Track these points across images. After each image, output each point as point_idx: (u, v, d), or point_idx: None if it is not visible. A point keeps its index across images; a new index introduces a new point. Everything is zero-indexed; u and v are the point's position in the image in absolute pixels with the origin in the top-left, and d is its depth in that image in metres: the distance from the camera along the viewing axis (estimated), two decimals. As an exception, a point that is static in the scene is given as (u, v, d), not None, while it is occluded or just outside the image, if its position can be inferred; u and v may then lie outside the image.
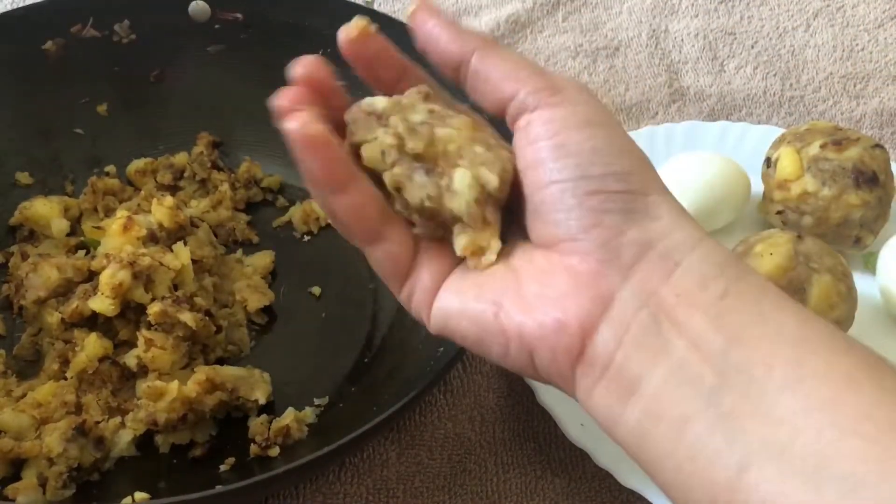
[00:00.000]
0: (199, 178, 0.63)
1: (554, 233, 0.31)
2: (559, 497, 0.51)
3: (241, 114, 0.66)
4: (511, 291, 0.32)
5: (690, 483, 0.28)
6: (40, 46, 0.63)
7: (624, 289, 0.30)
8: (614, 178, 0.31)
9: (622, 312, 0.30)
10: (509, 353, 0.32)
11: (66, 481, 0.46)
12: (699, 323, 0.29)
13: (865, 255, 0.61)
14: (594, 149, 0.31)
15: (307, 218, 0.62)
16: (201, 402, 0.49)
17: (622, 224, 0.30)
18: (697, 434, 0.28)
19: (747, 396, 0.27)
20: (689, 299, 0.29)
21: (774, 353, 0.28)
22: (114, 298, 0.50)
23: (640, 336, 0.29)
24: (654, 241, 0.30)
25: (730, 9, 0.84)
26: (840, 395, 0.27)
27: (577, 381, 0.31)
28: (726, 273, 0.30)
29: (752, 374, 0.28)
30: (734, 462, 0.27)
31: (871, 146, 0.59)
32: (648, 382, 0.29)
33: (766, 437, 0.27)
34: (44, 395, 0.49)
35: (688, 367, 0.28)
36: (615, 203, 0.31)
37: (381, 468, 0.52)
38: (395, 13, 0.81)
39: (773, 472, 0.26)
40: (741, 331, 0.29)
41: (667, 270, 0.30)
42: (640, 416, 0.29)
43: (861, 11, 0.84)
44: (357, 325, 0.57)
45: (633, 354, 0.29)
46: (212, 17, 0.65)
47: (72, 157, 0.64)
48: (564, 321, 0.30)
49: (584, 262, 0.31)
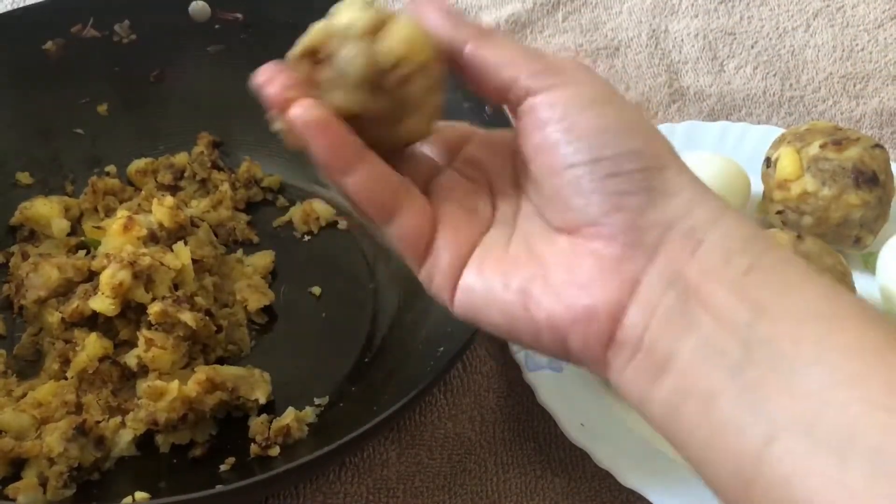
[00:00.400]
0: (200, 178, 0.63)
1: (574, 218, 0.31)
2: (559, 497, 0.51)
3: (241, 114, 0.65)
4: (538, 279, 0.32)
5: (717, 456, 0.28)
6: (40, 46, 0.63)
7: (650, 271, 0.30)
8: (628, 157, 0.31)
9: (649, 294, 0.30)
10: (541, 340, 0.32)
11: (66, 481, 0.46)
12: (724, 298, 0.29)
13: (865, 255, 0.61)
14: (603, 128, 0.31)
15: (307, 218, 0.62)
16: (201, 401, 0.49)
17: (643, 205, 0.30)
18: (724, 407, 0.28)
19: (774, 370, 0.27)
20: (714, 275, 0.29)
21: (801, 327, 0.28)
22: (114, 298, 0.50)
23: (667, 315, 0.29)
24: (675, 219, 0.30)
25: (730, 9, 0.84)
26: (868, 370, 0.26)
27: (609, 364, 0.31)
28: (750, 248, 0.30)
29: (778, 347, 0.28)
30: (760, 434, 0.27)
31: (871, 146, 0.59)
32: (677, 359, 0.29)
33: (792, 410, 0.27)
34: (44, 394, 0.49)
35: (714, 342, 0.28)
36: (633, 184, 0.30)
37: (381, 468, 0.52)
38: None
39: (799, 445, 0.26)
40: (767, 304, 0.28)
41: (690, 248, 0.30)
42: (670, 392, 0.29)
43: (861, 11, 0.84)
44: (357, 325, 0.57)
45: (662, 334, 0.29)
46: (212, 17, 0.65)
47: (72, 157, 0.64)
48: (594, 308, 0.30)
49: (608, 247, 0.31)
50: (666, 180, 0.31)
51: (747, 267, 0.29)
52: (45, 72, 0.63)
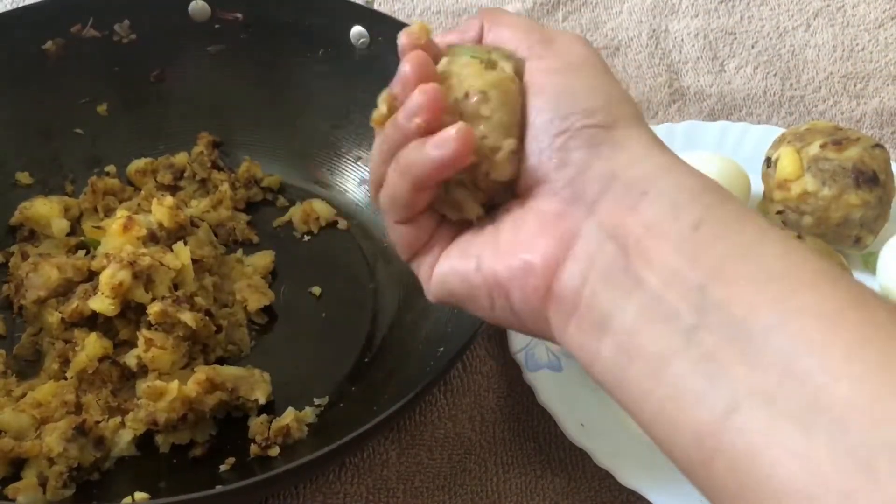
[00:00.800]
0: (200, 177, 0.63)
1: (529, 178, 0.32)
2: (559, 497, 0.51)
3: (241, 114, 0.66)
4: (490, 244, 0.33)
5: (673, 424, 0.28)
6: (40, 46, 0.63)
7: (588, 224, 0.30)
8: (580, 114, 0.31)
9: (586, 247, 0.30)
10: (494, 303, 0.33)
11: (66, 481, 0.46)
12: (672, 256, 0.28)
13: (865, 255, 0.61)
14: (568, 90, 0.32)
15: (307, 218, 0.62)
16: (201, 401, 0.49)
17: (587, 159, 0.30)
18: (678, 374, 0.27)
19: (731, 338, 0.26)
20: (659, 230, 0.28)
21: (757, 290, 0.27)
22: (114, 298, 0.50)
23: (606, 270, 0.29)
24: (618, 171, 0.30)
25: (730, 9, 0.84)
26: (829, 336, 0.25)
27: (550, 320, 0.31)
28: (700, 199, 0.29)
29: (734, 313, 0.27)
30: (720, 405, 0.26)
31: (871, 146, 0.59)
32: (620, 318, 0.29)
33: (753, 380, 0.26)
34: (44, 394, 0.49)
35: (662, 303, 0.28)
36: (579, 140, 0.31)
37: (381, 468, 0.52)
38: (395, 13, 0.81)
39: (761, 417, 0.25)
40: (720, 265, 0.27)
41: (632, 200, 0.29)
42: (615, 352, 0.29)
43: (861, 11, 0.84)
44: (357, 325, 0.57)
45: (602, 289, 0.29)
46: (212, 17, 0.65)
47: (72, 157, 0.64)
48: (531, 261, 0.31)
49: (551, 202, 0.31)
50: (615, 137, 0.31)
51: (696, 221, 0.28)
52: (45, 72, 0.63)
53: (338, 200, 0.64)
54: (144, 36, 0.65)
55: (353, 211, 0.63)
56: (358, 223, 0.63)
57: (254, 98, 0.66)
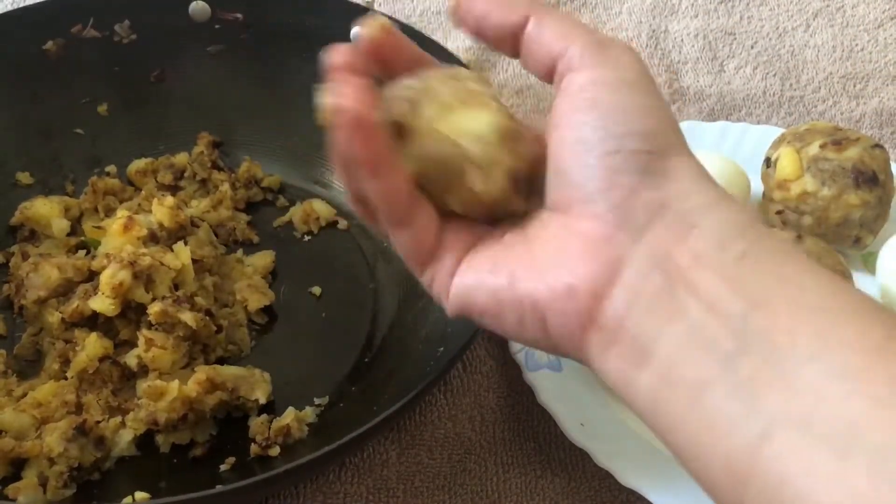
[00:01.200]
0: (200, 178, 0.63)
1: (570, 195, 0.31)
2: (559, 497, 0.51)
3: (241, 114, 0.66)
4: (525, 260, 0.31)
5: (707, 452, 0.27)
6: (40, 46, 0.63)
7: (636, 251, 0.29)
8: (634, 137, 0.30)
9: (634, 275, 0.29)
10: (524, 323, 0.31)
11: (66, 481, 0.46)
12: (715, 285, 0.28)
13: (865, 255, 0.61)
14: (620, 108, 0.30)
15: (307, 218, 0.62)
16: (202, 401, 0.49)
17: (637, 185, 0.30)
18: (714, 401, 0.27)
19: (768, 363, 0.26)
20: (706, 261, 0.28)
21: (798, 321, 0.27)
22: (114, 298, 0.50)
23: (652, 299, 0.29)
24: (669, 202, 0.29)
25: (730, 9, 0.84)
26: (870, 365, 0.25)
27: (589, 347, 0.30)
28: (746, 235, 0.29)
29: (773, 340, 0.26)
30: (755, 431, 0.26)
31: (870, 146, 0.59)
32: (662, 346, 0.28)
33: (789, 405, 0.25)
34: (44, 394, 0.49)
35: (703, 331, 0.27)
36: (631, 163, 0.30)
37: (381, 468, 0.52)
38: (395, 13, 0.81)
39: (797, 442, 0.25)
40: (761, 295, 0.27)
41: (682, 232, 0.29)
42: (654, 380, 0.28)
43: (861, 11, 0.84)
44: (357, 325, 0.57)
45: (646, 318, 0.29)
46: (212, 17, 0.65)
47: (72, 157, 0.64)
48: (575, 285, 0.30)
49: (596, 225, 0.30)
50: (667, 165, 0.30)
51: (741, 254, 0.28)
52: (45, 72, 0.63)
53: (338, 200, 0.64)
54: (144, 36, 0.65)
55: (353, 211, 0.63)
56: (358, 223, 0.63)
57: (254, 98, 0.66)
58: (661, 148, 0.30)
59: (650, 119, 0.31)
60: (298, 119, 0.65)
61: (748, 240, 0.29)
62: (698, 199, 0.30)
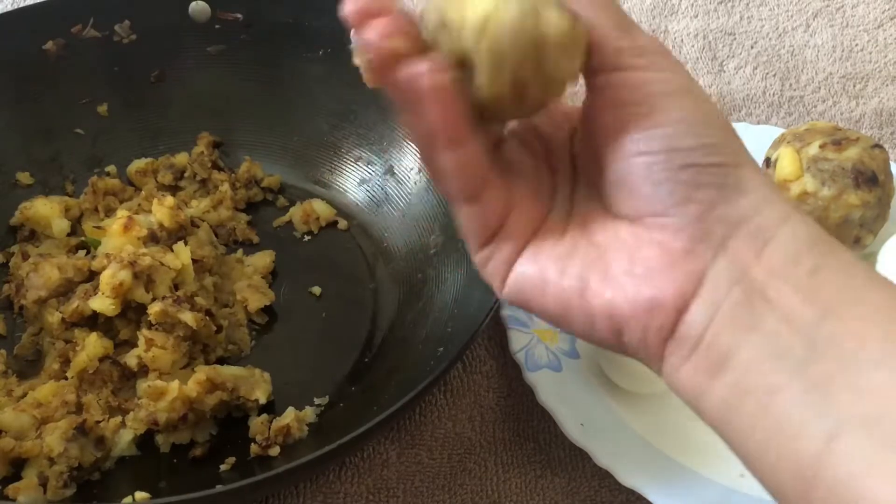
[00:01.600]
0: (200, 178, 0.63)
1: (641, 206, 0.31)
2: (559, 497, 0.51)
3: (241, 114, 0.66)
4: (597, 267, 0.31)
5: (776, 456, 0.28)
6: (40, 46, 0.63)
7: (715, 266, 0.29)
8: (705, 150, 0.30)
9: (714, 290, 0.29)
10: (595, 330, 0.31)
11: (66, 481, 0.46)
12: (790, 297, 0.28)
13: (865, 255, 0.61)
14: (682, 119, 0.30)
15: (307, 218, 0.62)
16: (202, 401, 0.49)
17: (714, 199, 0.30)
18: (785, 405, 0.27)
19: (838, 368, 0.27)
20: (781, 275, 0.29)
21: (867, 328, 0.27)
22: (114, 298, 0.50)
23: (731, 313, 0.29)
24: (745, 216, 0.30)
25: (729, 9, 0.84)
26: None
27: (665, 359, 0.30)
28: (816, 249, 0.29)
29: (843, 346, 0.27)
30: (822, 432, 0.26)
31: (870, 146, 0.59)
32: (738, 357, 0.29)
33: (856, 408, 0.26)
34: (44, 394, 0.49)
35: (777, 339, 0.28)
36: (708, 177, 0.30)
37: (381, 468, 0.52)
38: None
39: (863, 444, 0.25)
40: (833, 305, 0.28)
41: (758, 247, 0.29)
42: (728, 390, 0.29)
43: (861, 11, 0.84)
44: (357, 325, 0.57)
45: (724, 331, 0.29)
46: (212, 17, 0.65)
47: (72, 157, 0.64)
48: (658, 300, 0.30)
49: (675, 239, 0.30)
50: (740, 178, 0.30)
51: (813, 268, 0.29)
52: (45, 72, 0.63)
53: (338, 200, 0.64)
54: (144, 36, 0.65)
55: (353, 211, 0.63)
56: (358, 223, 0.63)
57: (254, 98, 0.66)
58: (731, 159, 0.30)
59: (715, 130, 0.30)
60: (298, 119, 0.65)
61: (819, 253, 0.29)
62: (772, 212, 0.30)
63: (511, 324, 0.54)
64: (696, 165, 0.30)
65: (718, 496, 0.48)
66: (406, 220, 0.61)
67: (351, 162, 0.65)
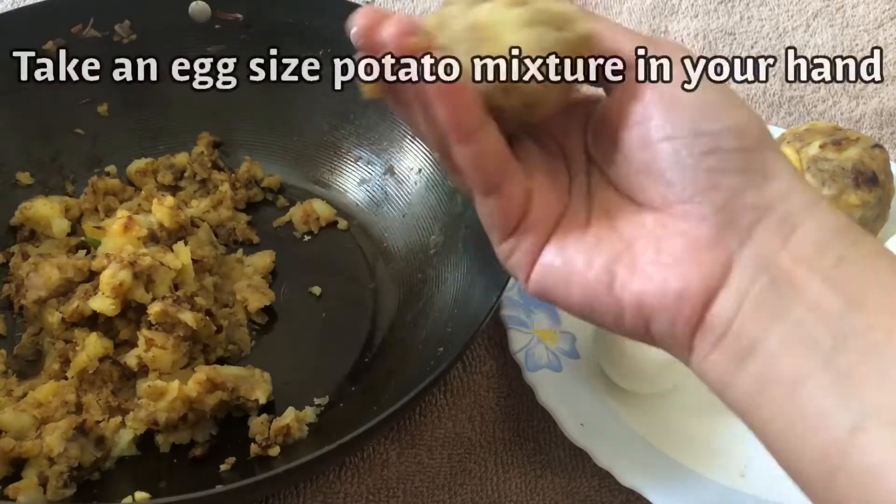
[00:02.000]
0: (200, 178, 0.63)
1: (665, 194, 0.30)
2: (559, 497, 0.51)
3: (241, 114, 0.66)
4: (623, 258, 0.31)
5: (800, 444, 0.28)
6: (40, 46, 0.63)
7: (742, 254, 0.29)
8: (729, 134, 0.30)
9: (742, 279, 0.29)
10: (623, 321, 0.31)
11: (66, 481, 0.46)
12: (818, 287, 0.28)
13: (865, 255, 0.61)
14: (707, 102, 0.30)
15: (307, 218, 0.62)
16: (202, 401, 0.49)
17: (740, 186, 0.29)
18: (810, 394, 0.27)
19: (865, 360, 0.27)
20: (808, 263, 0.29)
21: (894, 321, 0.27)
22: (114, 298, 0.50)
23: (758, 302, 0.29)
24: (772, 204, 0.30)
25: (730, 9, 0.84)
26: None
27: (693, 348, 0.30)
28: (843, 238, 0.29)
29: (871, 338, 0.27)
30: (847, 423, 0.26)
31: (870, 146, 0.59)
32: (765, 345, 0.29)
33: (882, 399, 0.26)
34: (44, 394, 0.49)
35: (804, 329, 0.28)
36: (732, 162, 0.29)
37: (381, 468, 0.52)
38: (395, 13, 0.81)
39: (888, 435, 0.26)
40: (860, 296, 0.28)
41: (784, 235, 0.29)
42: (754, 378, 0.29)
43: (861, 11, 0.84)
44: (357, 325, 0.57)
45: (751, 320, 0.29)
46: (212, 17, 0.65)
47: (72, 157, 0.64)
48: (686, 290, 0.30)
49: (700, 227, 0.30)
50: (766, 163, 0.30)
51: (839, 257, 0.29)
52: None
53: (338, 200, 0.64)
54: (144, 36, 0.65)
55: (353, 211, 0.63)
56: (358, 223, 0.63)
57: (254, 98, 0.66)
58: (755, 144, 0.30)
59: (739, 113, 0.30)
60: (298, 119, 0.65)
61: (845, 243, 0.29)
62: (798, 200, 0.30)
63: (511, 324, 0.54)
64: (720, 150, 0.29)
65: (718, 496, 0.48)
66: (406, 220, 0.61)
67: (351, 162, 0.65)
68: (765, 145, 0.30)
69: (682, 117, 0.30)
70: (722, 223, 0.29)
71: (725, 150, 0.30)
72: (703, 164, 0.30)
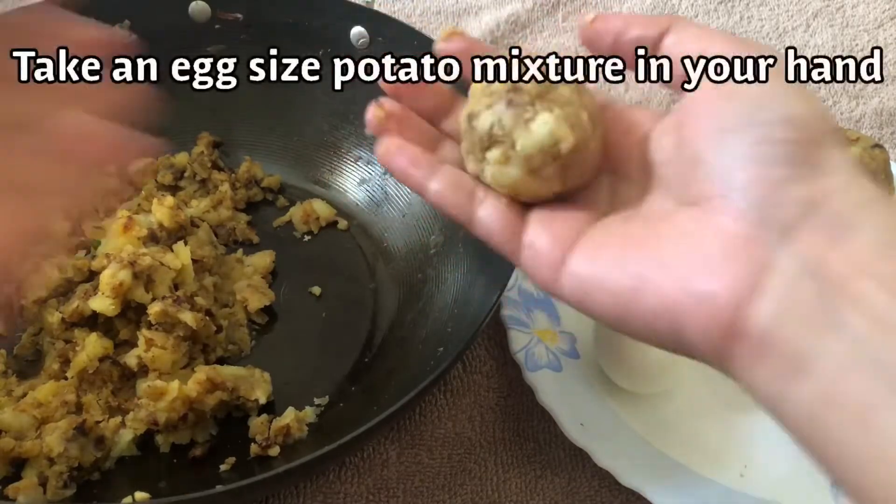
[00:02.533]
0: (200, 178, 0.63)
1: (707, 188, 0.29)
2: (559, 497, 0.51)
3: (241, 114, 0.66)
4: (655, 261, 0.29)
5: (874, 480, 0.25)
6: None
7: (783, 254, 0.27)
8: (784, 124, 0.27)
9: (782, 282, 0.26)
10: (656, 329, 0.29)
11: (66, 481, 0.46)
12: (882, 298, 0.25)
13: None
14: (764, 92, 0.28)
15: (307, 218, 0.62)
16: (202, 401, 0.49)
17: (786, 178, 0.27)
18: (884, 426, 0.24)
19: None
20: (867, 269, 0.26)
21: None
22: (114, 298, 0.50)
23: (805, 309, 0.26)
24: (822, 199, 0.27)
25: (730, 9, 0.84)
26: None
27: (733, 359, 0.28)
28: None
29: None
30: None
31: (870, 146, 0.58)
32: (823, 362, 0.26)
33: None
34: (44, 394, 0.49)
35: (869, 348, 0.25)
36: (781, 154, 0.27)
37: (381, 468, 0.52)
38: (395, 13, 0.81)
39: None
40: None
41: (837, 234, 0.26)
42: (812, 398, 0.26)
43: (861, 11, 0.84)
44: (357, 325, 0.57)
45: (800, 331, 0.26)
46: (212, 17, 0.65)
47: (72, 157, 0.64)
48: (714, 294, 0.27)
49: (736, 223, 0.27)
50: (820, 157, 0.27)
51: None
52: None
53: (338, 200, 0.64)
54: (144, 36, 0.65)
55: (353, 211, 0.63)
56: (358, 223, 0.63)
57: (254, 98, 0.65)
58: (813, 136, 0.28)
59: (799, 103, 0.28)
60: (298, 119, 0.65)
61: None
62: (854, 196, 0.27)
63: (511, 324, 0.54)
64: (770, 141, 0.28)
65: (718, 496, 0.48)
66: (406, 220, 0.61)
67: (351, 162, 0.65)
68: (826, 140, 0.28)
69: (739, 107, 0.28)
70: (758, 219, 0.27)
71: (776, 141, 0.27)
72: (752, 153, 0.27)
